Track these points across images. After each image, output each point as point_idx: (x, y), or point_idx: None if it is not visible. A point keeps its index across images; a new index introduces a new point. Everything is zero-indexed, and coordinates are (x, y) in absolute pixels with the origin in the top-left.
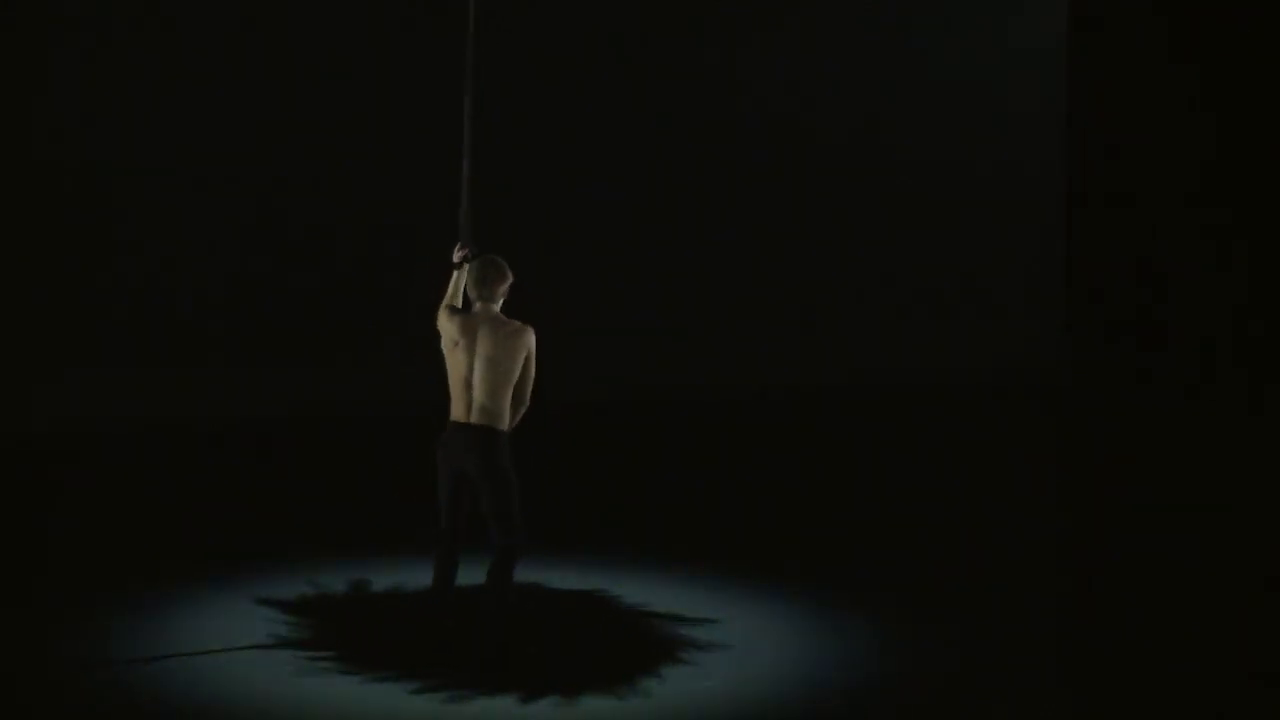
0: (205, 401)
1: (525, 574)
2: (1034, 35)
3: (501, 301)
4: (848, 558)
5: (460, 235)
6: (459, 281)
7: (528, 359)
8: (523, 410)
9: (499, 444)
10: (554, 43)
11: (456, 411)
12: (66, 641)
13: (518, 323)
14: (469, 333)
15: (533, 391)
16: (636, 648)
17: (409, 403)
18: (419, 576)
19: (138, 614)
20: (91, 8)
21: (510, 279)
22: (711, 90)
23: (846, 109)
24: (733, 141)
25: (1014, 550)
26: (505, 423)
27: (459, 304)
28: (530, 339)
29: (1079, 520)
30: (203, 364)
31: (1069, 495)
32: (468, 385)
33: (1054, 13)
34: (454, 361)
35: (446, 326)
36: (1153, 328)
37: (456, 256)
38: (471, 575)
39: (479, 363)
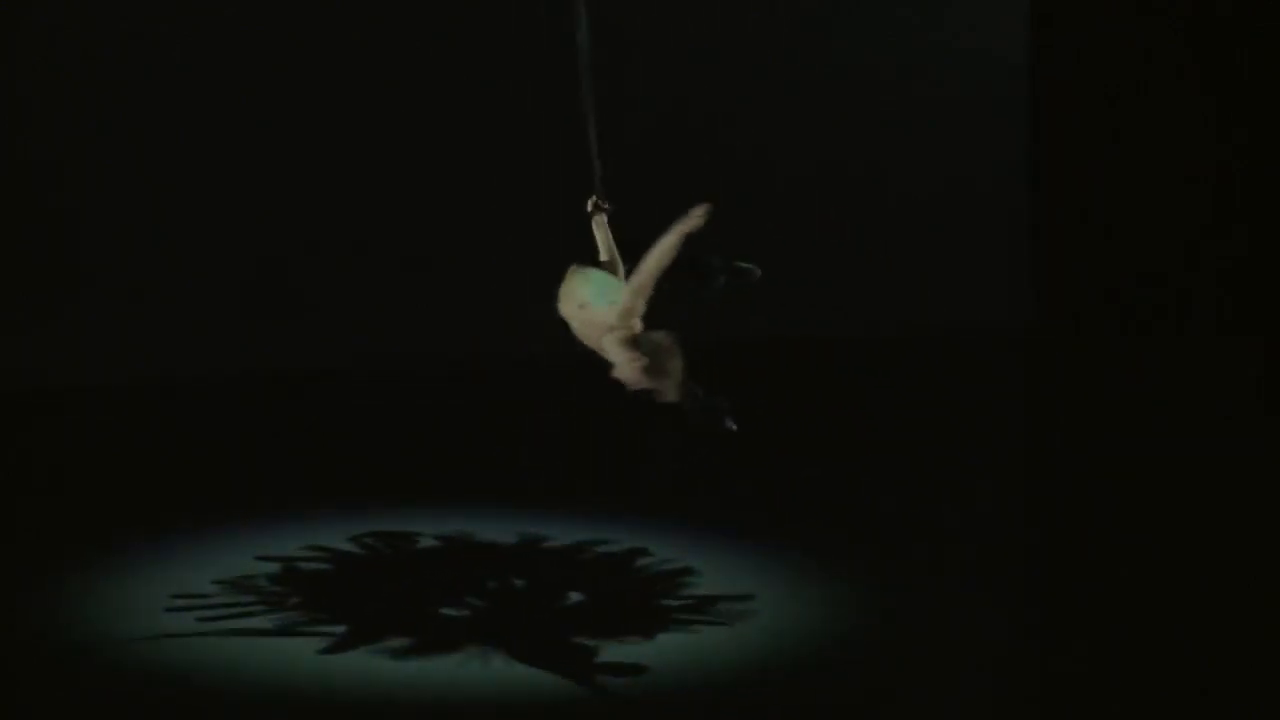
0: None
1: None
2: None
3: None
4: (818, 513)
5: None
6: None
7: None
8: None
9: None
10: None
11: None
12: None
13: None
14: None
15: None
16: (618, 606)
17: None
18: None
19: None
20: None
21: None
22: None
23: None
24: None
25: (988, 507)
26: None
27: None
28: None
29: (1052, 476)
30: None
31: (1041, 450)
32: None
33: None
34: None
35: None
36: (1124, 277)
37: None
38: None
39: None
